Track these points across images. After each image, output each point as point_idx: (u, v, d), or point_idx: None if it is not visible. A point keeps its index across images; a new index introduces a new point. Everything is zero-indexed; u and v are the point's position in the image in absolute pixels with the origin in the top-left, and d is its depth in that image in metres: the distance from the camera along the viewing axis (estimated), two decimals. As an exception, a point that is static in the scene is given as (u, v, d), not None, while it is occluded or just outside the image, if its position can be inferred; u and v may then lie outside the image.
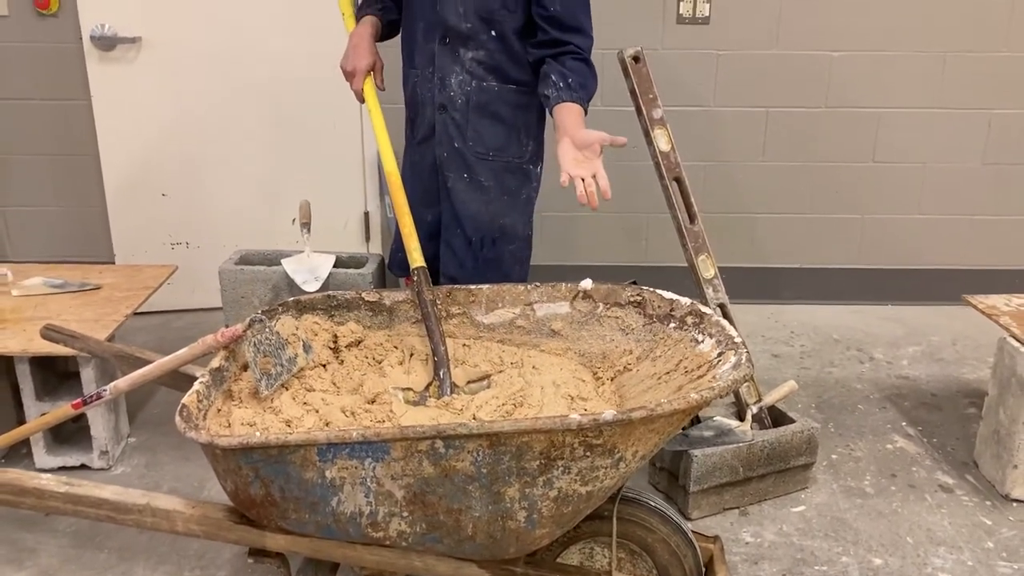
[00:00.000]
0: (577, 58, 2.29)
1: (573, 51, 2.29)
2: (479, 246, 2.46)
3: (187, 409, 1.71)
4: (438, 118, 2.41)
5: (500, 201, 2.45)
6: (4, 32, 3.42)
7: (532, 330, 2.20)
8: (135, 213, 3.58)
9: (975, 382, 3.21)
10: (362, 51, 2.38)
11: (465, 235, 2.45)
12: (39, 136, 3.56)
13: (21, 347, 2.50)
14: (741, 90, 3.59)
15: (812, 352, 3.45)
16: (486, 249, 2.47)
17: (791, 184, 3.73)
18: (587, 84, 2.28)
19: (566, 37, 2.29)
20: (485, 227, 2.45)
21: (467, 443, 1.61)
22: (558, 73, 2.25)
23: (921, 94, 3.61)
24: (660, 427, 1.67)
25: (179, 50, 3.40)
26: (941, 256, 3.81)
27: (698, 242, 2.65)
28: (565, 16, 2.29)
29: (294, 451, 1.62)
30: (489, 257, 2.48)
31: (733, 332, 1.90)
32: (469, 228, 2.45)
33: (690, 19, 3.48)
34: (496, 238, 2.47)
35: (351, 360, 2.09)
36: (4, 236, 3.67)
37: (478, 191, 2.43)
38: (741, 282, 3.80)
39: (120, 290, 2.85)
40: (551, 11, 2.27)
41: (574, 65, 2.28)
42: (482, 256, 2.47)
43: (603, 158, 2.07)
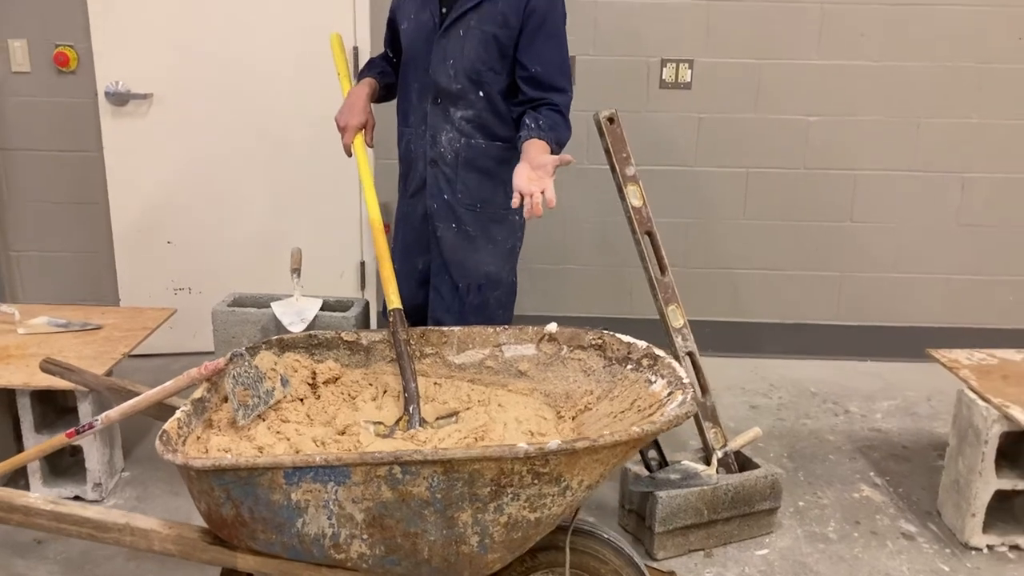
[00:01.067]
0: (552, 109, 2.48)
1: (549, 103, 2.48)
2: (466, 292, 2.61)
3: (167, 434, 1.84)
4: (429, 172, 2.57)
5: (486, 250, 2.61)
6: (25, 87, 3.64)
7: (500, 370, 2.32)
8: (141, 259, 3.75)
9: (947, 436, 3.26)
10: (356, 109, 2.56)
11: (452, 281, 2.60)
12: (53, 185, 3.76)
13: (23, 381, 2.64)
14: (722, 151, 3.75)
15: (789, 404, 3.54)
16: (472, 295, 2.61)
17: (772, 242, 3.86)
18: (557, 129, 2.45)
19: (545, 95, 2.48)
20: (471, 274, 2.60)
21: (423, 469, 1.72)
22: (532, 118, 2.44)
23: (896, 157, 3.76)
24: (604, 458, 1.78)
25: (188, 107, 3.60)
26: (919, 314, 3.91)
27: (668, 293, 2.78)
28: (544, 76, 2.48)
29: (262, 473, 1.73)
30: (475, 303, 2.62)
31: (682, 373, 2.01)
32: (456, 275, 2.60)
33: (673, 84, 3.65)
34: (482, 284, 2.62)
35: (327, 395, 2.21)
36: (16, 279, 3.85)
37: (465, 240, 2.59)
38: (723, 336, 3.92)
39: (120, 330, 2.99)
40: (531, 72, 2.47)
41: (548, 113, 2.47)
42: (468, 301, 2.61)
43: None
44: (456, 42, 2.47)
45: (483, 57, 2.47)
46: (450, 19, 2.47)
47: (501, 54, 2.48)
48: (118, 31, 3.52)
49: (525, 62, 2.48)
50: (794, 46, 3.64)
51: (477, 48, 2.47)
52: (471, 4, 2.45)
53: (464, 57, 2.47)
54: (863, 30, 3.62)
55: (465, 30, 2.46)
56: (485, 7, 2.45)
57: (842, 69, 3.65)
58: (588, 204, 3.73)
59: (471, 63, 2.47)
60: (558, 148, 2.45)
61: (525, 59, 2.48)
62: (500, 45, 2.47)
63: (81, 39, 3.56)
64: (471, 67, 2.48)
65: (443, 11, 2.49)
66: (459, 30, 2.47)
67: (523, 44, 2.48)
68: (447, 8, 2.49)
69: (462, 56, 2.47)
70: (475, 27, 2.46)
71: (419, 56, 2.53)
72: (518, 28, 2.46)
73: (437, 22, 2.49)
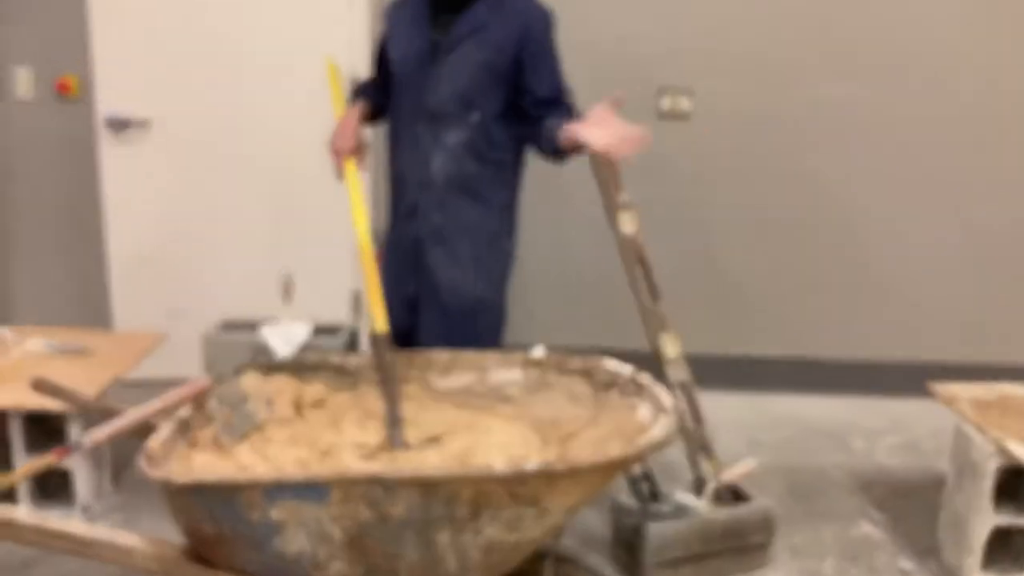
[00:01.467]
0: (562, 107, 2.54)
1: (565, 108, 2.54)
2: (455, 316, 2.60)
3: (150, 450, 1.84)
4: (421, 196, 2.58)
5: (476, 274, 2.61)
6: (27, 113, 3.70)
7: (487, 395, 2.31)
8: (136, 284, 3.77)
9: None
10: (347, 134, 2.59)
11: (442, 306, 2.59)
12: (51, 210, 3.80)
13: (14, 402, 2.65)
14: (723, 182, 3.75)
15: (791, 440, 3.51)
16: (462, 319, 2.61)
17: (775, 276, 3.85)
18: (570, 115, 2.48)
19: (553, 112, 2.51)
20: (462, 298, 2.59)
21: (401, 488, 1.71)
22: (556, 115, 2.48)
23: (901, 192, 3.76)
24: (583, 481, 1.76)
25: (186, 133, 3.65)
26: (924, 350, 3.87)
27: (660, 322, 2.76)
28: (553, 94, 2.54)
29: (241, 491, 1.72)
30: (465, 327, 2.61)
31: (665, 399, 2.00)
32: (447, 299, 2.59)
33: (671, 114, 3.67)
34: (472, 308, 2.61)
35: (312, 418, 2.21)
36: (12, 302, 3.88)
37: (456, 264, 2.59)
38: (726, 371, 3.88)
39: (112, 354, 3.00)
40: (540, 96, 2.52)
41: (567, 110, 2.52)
42: (458, 326, 2.60)
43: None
44: (450, 68, 2.50)
45: (477, 83, 2.50)
46: (445, 46, 2.50)
47: (494, 80, 2.51)
48: (120, 59, 3.57)
49: (533, 88, 2.51)
50: (795, 75, 3.66)
51: (471, 74, 2.49)
52: (466, 31, 2.48)
53: (458, 83, 2.50)
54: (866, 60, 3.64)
55: (460, 57, 2.49)
56: (480, 35, 2.49)
57: (845, 100, 3.66)
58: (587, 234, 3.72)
59: (465, 89, 2.50)
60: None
61: (533, 85, 2.52)
62: (494, 71, 2.50)
63: (84, 67, 3.61)
64: (465, 92, 2.50)
65: (436, 38, 2.52)
66: (453, 56, 2.49)
67: (528, 71, 2.51)
68: (440, 35, 2.52)
69: (456, 82, 2.50)
70: (470, 54, 2.49)
71: (412, 81, 2.55)
72: (513, 54, 2.49)
73: (430, 48, 2.52)
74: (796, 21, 3.61)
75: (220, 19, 3.56)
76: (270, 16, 3.57)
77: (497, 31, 2.48)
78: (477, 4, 2.50)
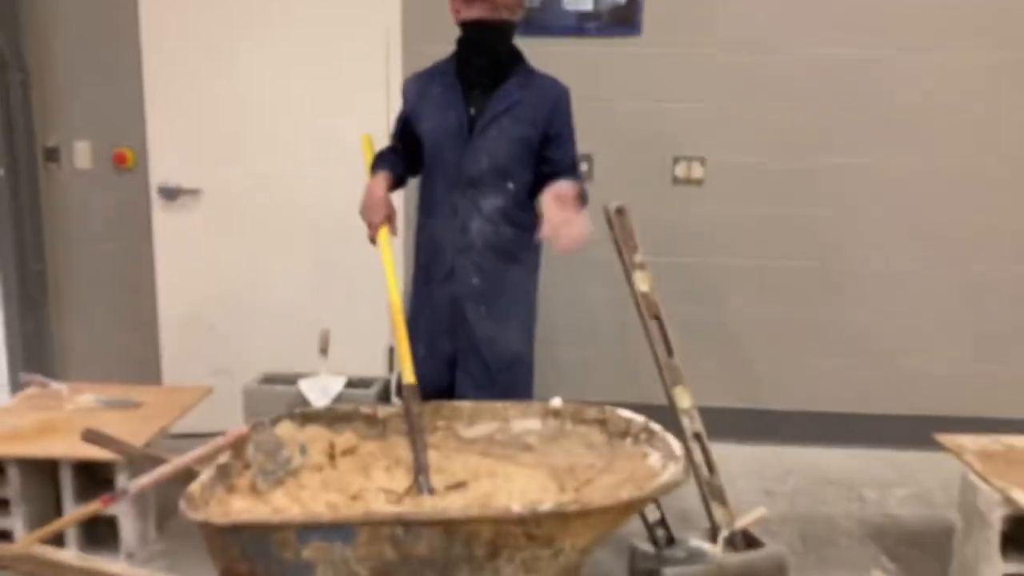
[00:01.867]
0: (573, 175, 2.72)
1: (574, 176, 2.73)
2: (496, 371, 2.76)
3: (191, 494, 2.00)
4: (458, 259, 2.76)
5: (513, 331, 2.79)
6: (86, 183, 3.95)
7: (509, 443, 2.45)
8: (184, 344, 3.97)
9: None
10: (379, 205, 2.78)
11: (483, 361, 2.75)
12: (106, 273, 4.02)
13: (65, 452, 2.82)
14: (735, 244, 3.89)
15: (804, 490, 3.59)
16: (502, 373, 2.76)
17: (787, 332, 3.96)
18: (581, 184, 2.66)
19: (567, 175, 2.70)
20: (502, 353, 2.76)
21: (423, 529, 1.85)
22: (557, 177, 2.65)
23: (904, 251, 3.86)
24: (595, 522, 1.89)
25: (233, 201, 3.87)
26: (935, 403, 3.94)
27: (675, 375, 2.89)
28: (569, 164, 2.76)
29: (275, 531, 1.88)
30: (504, 382, 2.77)
31: (675, 447, 2.13)
32: (488, 355, 2.75)
33: (685, 180, 3.84)
34: (511, 362, 2.78)
35: (343, 465, 2.36)
36: (68, 359, 4.10)
37: (495, 322, 2.76)
38: (740, 423, 3.99)
39: (159, 407, 3.18)
40: (559, 166, 2.72)
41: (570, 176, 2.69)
42: (499, 381, 2.76)
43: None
44: (489, 141, 2.70)
45: (514, 154, 2.71)
46: (484, 121, 2.70)
47: (527, 152, 2.73)
48: (172, 132, 3.83)
49: (556, 158, 2.73)
50: (803, 145, 3.81)
51: (509, 146, 2.70)
52: (502, 108, 2.70)
53: (497, 154, 2.70)
54: (872, 130, 3.78)
55: (498, 131, 2.70)
56: (515, 110, 2.71)
57: (851, 167, 3.81)
58: (607, 293, 3.88)
59: (504, 159, 2.70)
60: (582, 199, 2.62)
61: (555, 155, 2.73)
62: (529, 143, 2.72)
63: (139, 139, 3.86)
64: (503, 163, 2.71)
65: (471, 112, 2.73)
66: (492, 130, 2.70)
67: (552, 143, 2.73)
68: (476, 110, 2.72)
69: (495, 153, 2.70)
70: (507, 127, 2.70)
71: (446, 153, 2.74)
72: (543, 129, 2.72)
73: (467, 123, 2.72)
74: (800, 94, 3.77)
75: (264, 96, 3.81)
76: (311, 92, 3.81)
77: (529, 107, 2.71)
78: (509, 82, 2.73)
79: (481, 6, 2.62)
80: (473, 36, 2.69)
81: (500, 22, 2.65)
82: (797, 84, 3.78)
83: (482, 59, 2.71)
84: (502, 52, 2.72)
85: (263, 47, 3.78)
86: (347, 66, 3.79)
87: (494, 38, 2.68)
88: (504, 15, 2.64)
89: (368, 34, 3.78)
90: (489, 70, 2.72)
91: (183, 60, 3.78)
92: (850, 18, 3.72)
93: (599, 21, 3.72)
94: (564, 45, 3.74)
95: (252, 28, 3.76)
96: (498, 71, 2.73)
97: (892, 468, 3.81)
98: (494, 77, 2.73)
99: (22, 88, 3.80)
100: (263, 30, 3.76)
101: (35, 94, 3.87)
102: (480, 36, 2.67)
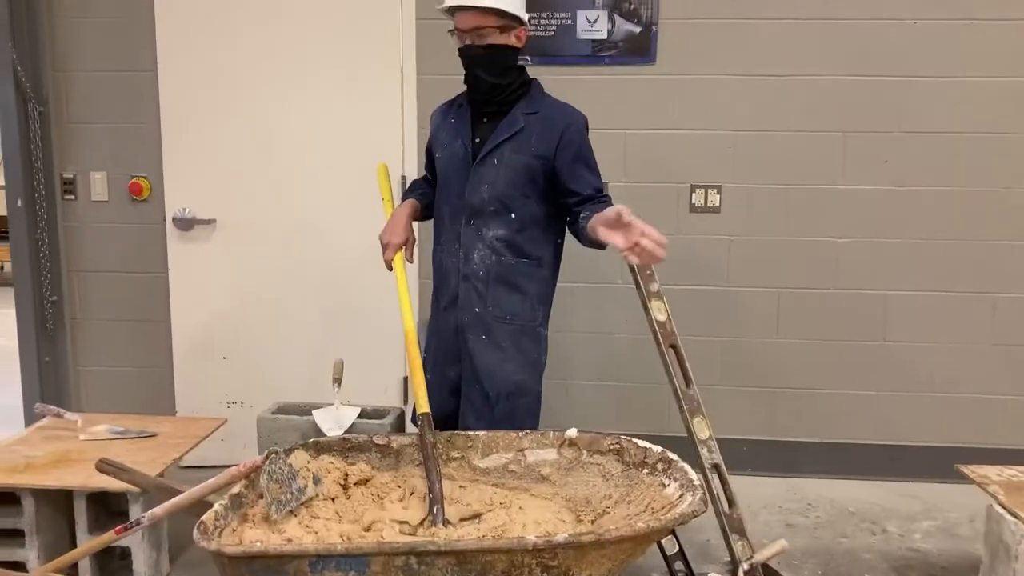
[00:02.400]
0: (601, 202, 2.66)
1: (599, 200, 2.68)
2: (496, 400, 2.72)
3: (204, 524, 1.97)
4: (462, 287, 2.74)
5: (515, 360, 2.74)
6: (103, 214, 3.97)
7: (523, 474, 2.42)
8: (197, 374, 3.96)
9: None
10: (398, 228, 2.79)
11: (483, 390, 2.72)
12: (121, 303, 4.02)
13: (80, 482, 2.81)
14: (753, 272, 3.86)
15: (826, 523, 3.52)
16: (502, 403, 2.73)
17: (806, 361, 3.91)
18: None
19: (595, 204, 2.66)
20: (501, 383, 2.72)
21: (437, 560, 1.82)
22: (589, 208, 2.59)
23: (926, 278, 3.82)
24: (611, 553, 1.85)
25: (247, 231, 3.88)
26: (958, 434, 3.89)
27: (693, 404, 2.86)
28: (592, 193, 2.69)
29: (288, 561, 1.85)
30: (504, 410, 2.73)
31: (694, 476, 2.10)
32: (487, 384, 2.72)
33: (702, 208, 3.82)
34: (511, 393, 2.73)
35: (357, 496, 2.33)
36: (81, 390, 4.10)
37: (496, 351, 2.73)
38: (760, 454, 3.94)
39: (173, 438, 3.16)
40: (582, 195, 2.67)
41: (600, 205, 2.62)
42: (499, 409, 2.72)
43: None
44: (491, 170, 2.69)
45: (516, 183, 2.68)
46: (485, 150, 2.69)
47: (531, 181, 2.69)
48: (187, 163, 3.85)
49: (576, 189, 2.67)
50: (819, 172, 3.79)
51: (511, 175, 2.68)
52: (504, 137, 2.68)
53: (498, 183, 2.68)
54: (886, 157, 3.76)
55: (499, 159, 2.68)
56: (517, 139, 2.68)
57: (867, 193, 3.78)
58: (624, 322, 3.86)
59: (505, 188, 2.68)
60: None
61: (574, 186, 2.67)
62: (532, 173, 2.68)
63: (154, 171, 3.89)
64: (505, 192, 2.68)
65: (475, 141, 2.72)
66: (493, 159, 2.69)
67: (567, 175, 2.67)
68: (480, 139, 2.72)
69: (496, 182, 2.68)
70: (509, 157, 2.68)
71: (452, 182, 2.75)
72: (551, 159, 2.68)
73: (471, 151, 2.72)
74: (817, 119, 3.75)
75: (279, 127, 3.83)
76: (326, 124, 3.83)
77: (534, 136, 2.68)
78: (514, 109, 2.71)
79: (455, 37, 2.66)
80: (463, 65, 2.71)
81: (475, 49, 2.63)
82: (814, 110, 3.76)
83: (474, 89, 2.72)
84: (488, 78, 2.67)
85: (278, 79, 3.80)
86: (362, 98, 3.81)
87: (466, 64, 2.68)
88: (470, 40, 2.62)
89: (383, 67, 3.80)
90: (491, 98, 2.71)
91: (199, 92, 3.81)
92: (868, 44, 3.70)
93: (614, 50, 3.73)
94: (579, 74, 3.75)
95: (267, 60, 3.79)
96: (501, 98, 2.72)
97: (916, 500, 3.74)
98: (500, 105, 2.72)
99: (41, 120, 3.84)
100: (278, 63, 3.79)
101: (53, 126, 3.90)
102: (465, 64, 2.69)
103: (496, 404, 2.72)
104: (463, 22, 2.62)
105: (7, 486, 2.82)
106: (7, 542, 2.90)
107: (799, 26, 3.72)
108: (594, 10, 3.71)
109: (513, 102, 2.71)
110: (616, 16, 3.71)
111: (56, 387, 4.05)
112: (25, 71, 3.77)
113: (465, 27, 2.61)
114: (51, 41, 3.86)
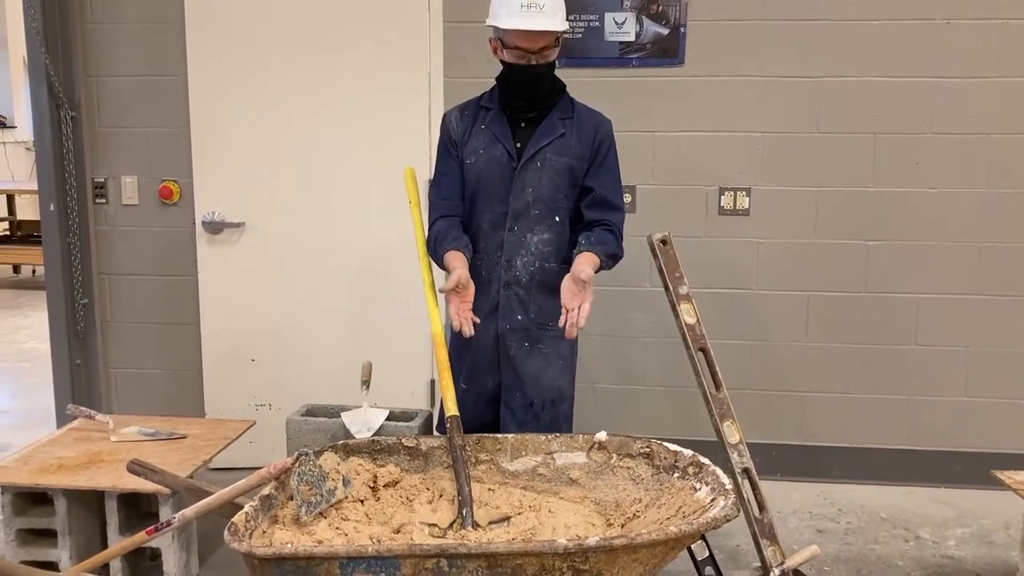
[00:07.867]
0: (605, 228, 2.70)
1: (606, 224, 2.71)
2: (540, 407, 2.73)
3: (235, 526, 1.98)
4: (503, 294, 2.74)
5: (557, 366, 2.76)
6: (133, 218, 4.00)
7: (552, 478, 2.41)
8: (227, 376, 3.98)
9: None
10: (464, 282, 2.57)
11: (526, 397, 2.73)
12: (151, 306, 4.06)
13: (111, 483, 2.83)
14: (783, 275, 3.83)
15: (857, 529, 3.48)
16: (545, 410, 2.73)
17: (837, 365, 3.87)
18: (607, 243, 2.66)
19: (603, 215, 2.72)
20: (544, 390, 2.73)
21: (467, 563, 1.81)
22: (585, 236, 2.67)
23: (958, 282, 3.77)
24: (642, 557, 1.84)
25: (276, 235, 3.90)
26: (992, 439, 3.83)
27: (723, 408, 2.83)
28: (607, 197, 2.73)
29: (319, 563, 1.85)
30: (547, 417, 2.74)
31: (725, 480, 2.08)
32: (531, 391, 2.72)
33: (731, 211, 3.80)
34: (554, 399, 2.75)
35: (386, 498, 2.33)
36: (112, 392, 4.13)
37: (539, 358, 2.73)
38: (790, 460, 3.90)
39: (203, 439, 3.18)
40: (597, 195, 2.71)
41: (599, 232, 2.69)
42: (542, 416, 2.73)
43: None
44: (535, 174, 2.69)
45: (560, 186, 2.71)
46: (528, 153, 2.70)
47: (573, 182, 2.73)
48: (217, 166, 3.88)
49: (594, 186, 2.71)
50: (849, 174, 3.75)
51: (555, 178, 2.70)
52: (547, 140, 2.70)
53: (543, 187, 2.69)
54: (917, 159, 3.72)
55: (543, 162, 2.69)
56: (559, 141, 2.71)
57: (899, 196, 3.74)
58: (652, 325, 3.84)
59: (550, 192, 2.70)
60: (609, 261, 2.66)
61: (593, 183, 2.71)
62: (573, 175, 2.72)
63: (184, 174, 3.92)
64: (550, 195, 2.70)
65: (518, 145, 2.72)
66: (537, 162, 2.70)
67: (591, 172, 2.72)
68: (522, 143, 2.72)
69: (540, 186, 2.69)
70: (552, 160, 2.70)
71: (492, 187, 2.73)
72: (588, 159, 2.72)
73: (514, 156, 2.71)
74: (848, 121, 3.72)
75: (308, 131, 3.85)
76: (351, 129, 3.84)
77: (573, 139, 2.71)
78: (551, 115, 2.73)
79: (511, 53, 2.63)
80: (509, 77, 2.70)
81: (541, 68, 2.65)
82: (845, 111, 3.73)
83: (519, 99, 2.72)
84: (540, 91, 2.70)
85: (307, 83, 3.82)
86: (389, 101, 3.82)
87: (527, 81, 2.67)
88: (534, 61, 2.62)
89: (410, 70, 3.81)
90: (531, 105, 2.72)
91: (229, 96, 3.84)
92: (899, 44, 3.66)
93: (642, 51, 3.71)
94: (607, 76, 3.74)
95: (296, 65, 3.80)
96: (540, 105, 2.73)
97: (949, 506, 3.69)
98: (538, 110, 2.73)
99: (73, 124, 3.88)
100: (307, 67, 3.80)
101: (85, 130, 3.94)
102: (515, 78, 2.68)
103: (541, 411, 2.73)
104: (530, 42, 2.60)
105: (40, 486, 2.85)
106: (40, 542, 2.93)
107: (829, 27, 3.68)
108: (622, 12, 3.70)
109: (551, 108, 2.73)
110: (644, 18, 3.70)
111: (87, 389, 4.09)
112: (58, 76, 3.81)
113: (532, 47, 2.61)
114: (83, 47, 3.90)
